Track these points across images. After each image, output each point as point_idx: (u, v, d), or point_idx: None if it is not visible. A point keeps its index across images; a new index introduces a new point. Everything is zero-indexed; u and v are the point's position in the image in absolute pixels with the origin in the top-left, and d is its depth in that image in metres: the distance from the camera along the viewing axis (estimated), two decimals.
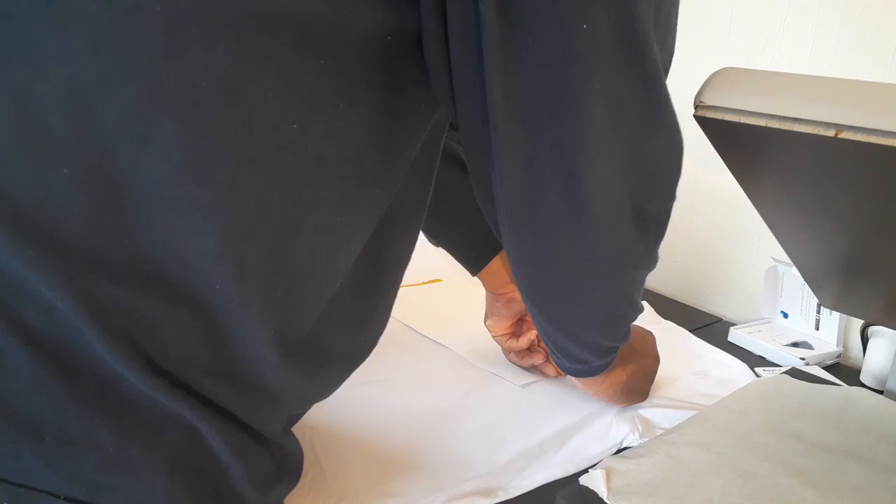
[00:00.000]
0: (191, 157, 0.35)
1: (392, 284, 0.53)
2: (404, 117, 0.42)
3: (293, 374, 0.43)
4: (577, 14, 0.36)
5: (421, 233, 0.56)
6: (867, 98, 0.40)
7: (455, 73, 0.39)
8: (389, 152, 0.42)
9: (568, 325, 0.53)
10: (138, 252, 0.36)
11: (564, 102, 0.38)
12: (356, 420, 0.63)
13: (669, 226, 0.51)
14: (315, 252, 0.41)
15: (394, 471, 0.57)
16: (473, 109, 0.40)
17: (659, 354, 0.72)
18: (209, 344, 0.39)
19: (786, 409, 0.64)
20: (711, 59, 0.99)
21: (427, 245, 1.11)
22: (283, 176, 0.37)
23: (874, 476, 0.55)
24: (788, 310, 0.91)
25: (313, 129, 0.37)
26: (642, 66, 0.39)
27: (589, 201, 0.42)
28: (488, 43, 0.37)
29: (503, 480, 0.57)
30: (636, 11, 0.37)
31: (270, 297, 0.39)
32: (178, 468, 0.39)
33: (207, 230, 0.36)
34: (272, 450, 0.45)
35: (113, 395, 0.37)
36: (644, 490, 0.51)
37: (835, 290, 0.67)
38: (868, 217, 0.50)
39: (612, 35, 0.37)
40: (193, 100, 0.34)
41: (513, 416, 0.66)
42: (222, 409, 0.40)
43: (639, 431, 0.65)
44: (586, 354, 0.57)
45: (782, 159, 0.48)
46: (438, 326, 0.83)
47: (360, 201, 0.42)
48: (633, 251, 0.48)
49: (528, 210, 0.43)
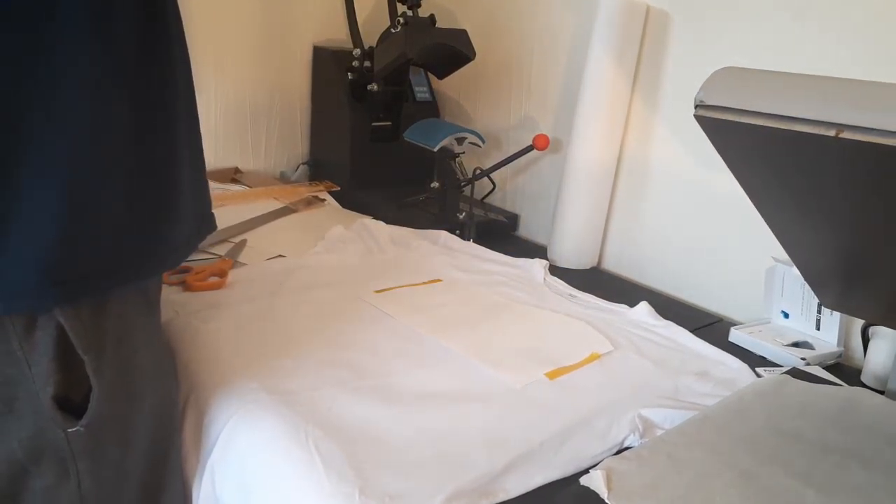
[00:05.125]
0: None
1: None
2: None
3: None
4: None
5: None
6: (867, 98, 0.40)
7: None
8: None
9: None
10: None
11: None
12: (355, 420, 0.63)
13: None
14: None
15: (393, 470, 0.57)
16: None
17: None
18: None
19: (787, 409, 0.64)
20: (712, 60, 0.99)
21: (427, 245, 1.12)
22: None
23: (875, 476, 0.55)
24: (789, 310, 0.91)
25: None
26: None
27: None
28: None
29: (503, 480, 0.57)
30: None
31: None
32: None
33: None
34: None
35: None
36: (645, 491, 0.51)
37: (835, 290, 0.67)
38: (868, 217, 0.50)
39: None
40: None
41: (513, 416, 0.66)
42: None
43: (639, 432, 0.65)
44: None
45: (782, 159, 0.48)
46: (438, 326, 0.83)
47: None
48: None
49: None
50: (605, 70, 1.05)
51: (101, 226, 0.50)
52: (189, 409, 0.68)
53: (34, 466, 0.53)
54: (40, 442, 0.53)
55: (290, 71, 1.42)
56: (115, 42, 0.49)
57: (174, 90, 0.55)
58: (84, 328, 0.51)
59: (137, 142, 0.51)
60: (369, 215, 1.22)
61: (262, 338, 0.77)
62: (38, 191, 0.46)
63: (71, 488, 0.55)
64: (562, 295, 0.98)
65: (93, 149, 0.48)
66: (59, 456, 0.54)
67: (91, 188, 0.49)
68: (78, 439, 0.54)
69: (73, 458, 0.54)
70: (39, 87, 0.45)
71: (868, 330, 0.82)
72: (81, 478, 0.55)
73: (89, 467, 0.55)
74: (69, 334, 0.50)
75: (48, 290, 0.48)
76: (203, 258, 0.98)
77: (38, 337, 0.50)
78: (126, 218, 0.52)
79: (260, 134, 1.42)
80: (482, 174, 1.22)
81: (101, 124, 0.49)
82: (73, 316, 0.50)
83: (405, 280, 0.97)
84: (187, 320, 0.79)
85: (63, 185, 0.47)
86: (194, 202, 0.60)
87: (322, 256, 1.03)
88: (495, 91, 1.34)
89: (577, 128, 1.08)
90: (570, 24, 1.18)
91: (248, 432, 0.63)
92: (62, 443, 0.53)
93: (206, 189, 0.64)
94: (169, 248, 0.57)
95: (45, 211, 0.47)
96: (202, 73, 1.31)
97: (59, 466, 0.54)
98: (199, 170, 0.61)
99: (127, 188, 0.51)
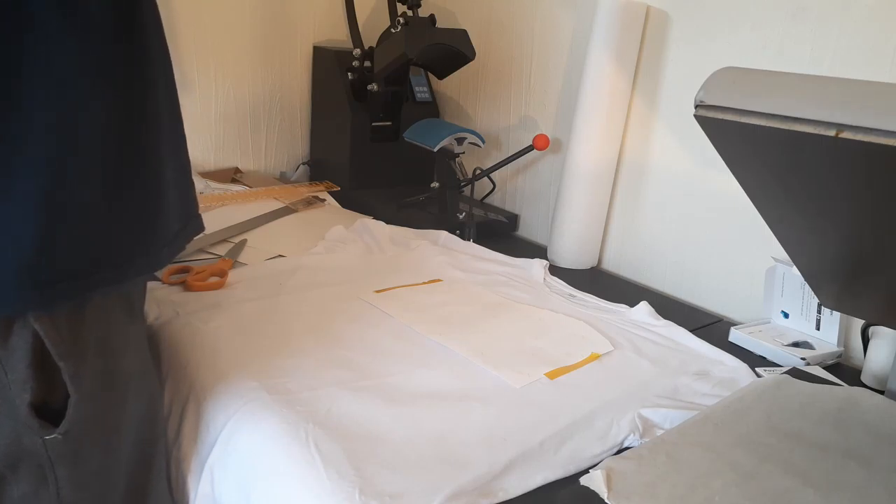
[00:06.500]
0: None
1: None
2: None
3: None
4: None
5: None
6: (867, 98, 0.40)
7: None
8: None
9: None
10: None
11: None
12: (355, 420, 0.63)
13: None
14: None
15: (393, 470, 0.57)
16: None
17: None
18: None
19: (786, 409, 0.64)
20: (712, 60, 0.99)
21: (427, 245, 1.12)
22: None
23: (875, 476, 0.55)
24: (789, 310, 0.91)
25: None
26: None
27: None
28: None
29: (503, 480, 0.57)
30: None
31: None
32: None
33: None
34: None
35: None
36: (645, 491, 0.51)
37: (835, 290, 0.67)
38: (868, 217, 0.50)
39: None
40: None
41: (513, 416, 0.66)
42: None
43: (639, 432, 0.65)
44: None
45: (782, 159, 0.48)
46: (438, 326, 0.83)
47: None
48: None
49: None
50: (605, 70, 1.05)
51: (79, 227, 0.49)
52: (188, 409, 0.68)
53: (11, 474, 0.53)
54: (17, 449, 0.52)
55: (290, 71, 1.42)
56: (90, 40, 0.48)
57: (153, 89, 0.54)
58: (60, 335, 0.50)
59: (116, 142, 0.51)
60: (369, 215, 1.22)
61: (262, 338, 0.77)
62: (15, 192, 0.45)
63: (49, 496, 0.54)
64: (562, 295, 0.98)
65: (70, 149, 0.48)
66: (37, 463, 0.53)
67: (69, 189, 0.48)
68: (56, 446, 0.52)
69: (52, 465, 0.53)
70: (12, 87, 0.44)
71: (868, 330, 0.82)
72: (60, 485, 0.54)
73: (69, 474, 0.54)
74: (45, 341, 0.49)
75: (25, 292, 0.47)
76: (203, 258, 0.98)
77: (15, 343, 0.49)
78: (106, 220, 0.51)
79: (260, 134, 1.42)
80: (482, 174, 1.22)
81: (78, 124, 0.48)
82: (49, 323, 0.49)
83: (405, 280, 0.97)
84: (187, 320, 0.79)
85: (41, 187, 0.46)
86: (179, 203, 0.59)
87: (322, 256, 1.03)
88: (495, 91, 1.34)
89: (577, 128, 1.08)
90: (569, 24, 1.18)
91: (248, 432, 0.63)
92: (40, 449, 0.52)
93: (192, 190, 0.62)
94: (151, 250, 0.56)
95: (23, 212, 0.46)
96: (202, 74, 1.31)
97: (36, 473, 0.53)
98: (184, 170, 0.60)
99: (106, 189, 0.50)
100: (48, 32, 0.45)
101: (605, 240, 1.16)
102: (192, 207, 0.62)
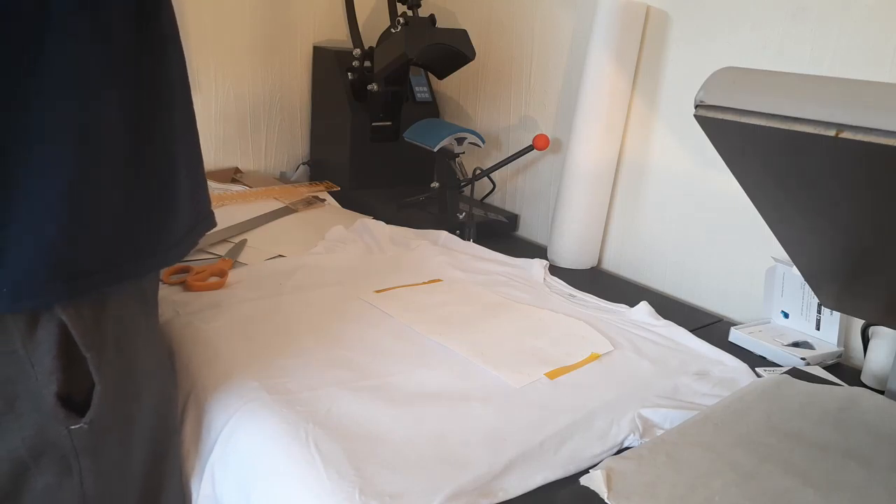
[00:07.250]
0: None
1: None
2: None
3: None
4: None
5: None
6: (867, 98, 0.40)
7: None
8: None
9: None
10: None
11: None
12: (355, 420, 0.63)
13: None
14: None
15: (393, 470, 0.57)
16: None
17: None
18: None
19: (786, 409, 0.64)
20: (712, 60, 0.99)
21: (427, 245, 1.12)
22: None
23: (874, 476, 0.55)
24: (789, 310, 0.91)
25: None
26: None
27: None
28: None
29: (503, 480, 0.57)
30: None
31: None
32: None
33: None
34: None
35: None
36: (645, 491, 0.51)
37: (835, 290, 0.67)
38: (868, 217, 0.50)
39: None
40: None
41: (513, 417, 0.66)
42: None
43: (639, 432, 0.65)
44: None
45: (782, 159, 0.48)
46: (438, 326, 0.83)
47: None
48: None
49: None
50: (605, 70, 1.05)
51: (100, 223, 0.51)
52: (189, 409, 0.69)
53: (34, 465, 0.54)
54: (40, 441, 0.53)
55: (290, 71, 1.42)
56: (111, 42, 0.49)
57: (170, 89, 0.56)
58: (85, 326, 0.51)
59: (134, 140, 0.52)
60: (369, 215, 1.22)
61: (262, 338, 0.77)
62: (39, 190, 0.47)
63: (73, 486, 0.55)
64: (561, 295, 0.98)
65: (91, 148, 0.49)
66: (61, 454, 0.54)
67: (90, 186, 0.49)
68: (81, 436, 0.54)
69: (77, 455, 0.54)
70: (36, 87, 0.46)
71: (868, 330, 0.82)
72: (84, 476, 0.55)
73: (92, 465, 0.55)
74: (72, 332, 0.51)
75: (53, 285, 0.48)
76: (203, 258, 0.98)
77: (41, 336, 0.50)
78: (124, 215, 0.52)
79: (260, 134, 1.42)
80: (482, 174, 1.22)
81: (98, 123, 0.49)
82: (75, 314, 0.51)
83: (405, 280, 0.97)
84: (187, 320, 0.79)
85: (63, 184, 0.48)
86: (192, 200, 0.60)
87: (322, 256, 1.03)
88: (495, 91, 1.34)
89: (577, 128, 1.08)
90: (569, 24, 1.18)
91: (248, 432, 0.63)
92: (65, 440, 0.54)
93: (205, 187, 0.64)
94: (167, 244, 0.57)
95: (47, 209, 0.47)
96: (202, 74, 1.31)
97: (61, 464, 0.54)
98: (197, 168, 0.62)
99: (124, 186, 0.52)
100: (70, 33, 0.46)
101: (605, 240, 1.16)
102: (205, 204, 0.64)
